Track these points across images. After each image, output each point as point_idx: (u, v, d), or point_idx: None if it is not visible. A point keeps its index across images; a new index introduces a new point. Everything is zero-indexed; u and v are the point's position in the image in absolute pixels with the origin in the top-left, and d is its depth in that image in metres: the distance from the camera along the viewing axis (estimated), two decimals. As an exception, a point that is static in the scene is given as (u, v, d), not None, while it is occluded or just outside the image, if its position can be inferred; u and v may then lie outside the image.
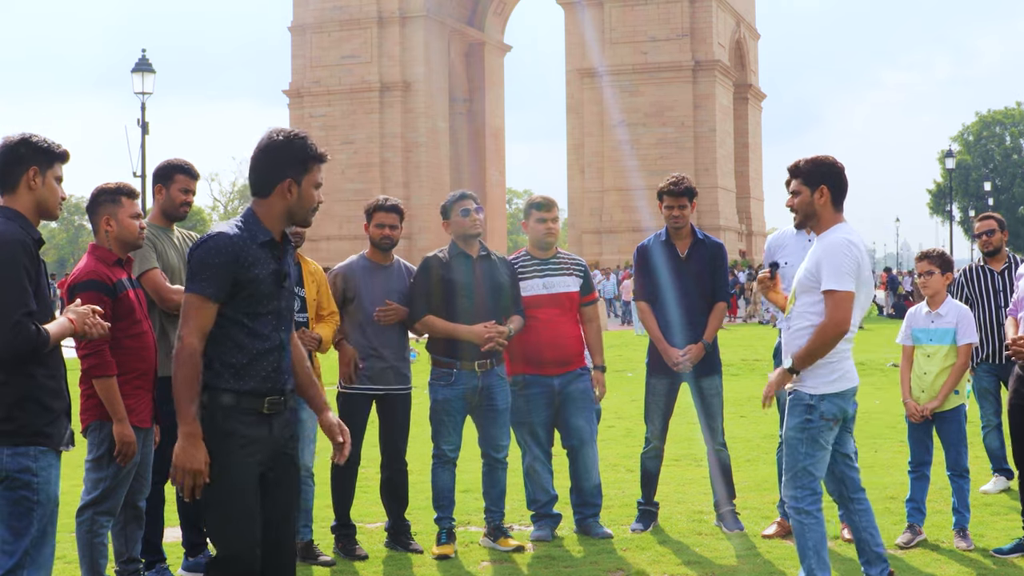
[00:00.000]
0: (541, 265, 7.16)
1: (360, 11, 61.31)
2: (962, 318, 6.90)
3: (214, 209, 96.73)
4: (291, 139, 4.05)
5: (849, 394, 5.23)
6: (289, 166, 4.04)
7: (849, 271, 5.06)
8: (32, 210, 4.41)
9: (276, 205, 4.06)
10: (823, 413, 5.13)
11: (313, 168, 4.07)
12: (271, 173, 4.05)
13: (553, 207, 7.21)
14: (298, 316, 6.45)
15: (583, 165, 57.77)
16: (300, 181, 4.06)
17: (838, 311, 5.04)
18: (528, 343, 7.04)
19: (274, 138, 4.06)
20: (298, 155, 4.04)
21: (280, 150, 4.04)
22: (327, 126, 61.61)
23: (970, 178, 79.82)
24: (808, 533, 5.14)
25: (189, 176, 6.25)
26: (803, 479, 5.14)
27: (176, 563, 6.30)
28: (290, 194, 4.04)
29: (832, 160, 5.26)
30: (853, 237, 5.15)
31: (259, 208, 4.08)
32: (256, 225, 4.06)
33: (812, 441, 5.13)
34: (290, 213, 4.08)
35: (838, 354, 5.16)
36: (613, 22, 57.09)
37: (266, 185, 4.06)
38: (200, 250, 3.97)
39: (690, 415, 7.78)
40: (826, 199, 5.19)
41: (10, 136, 4.42)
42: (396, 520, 6.91)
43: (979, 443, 8.47)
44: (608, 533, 7.07)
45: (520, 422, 7.13)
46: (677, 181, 7.25)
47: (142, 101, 28.06)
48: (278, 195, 4.04)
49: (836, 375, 5.16)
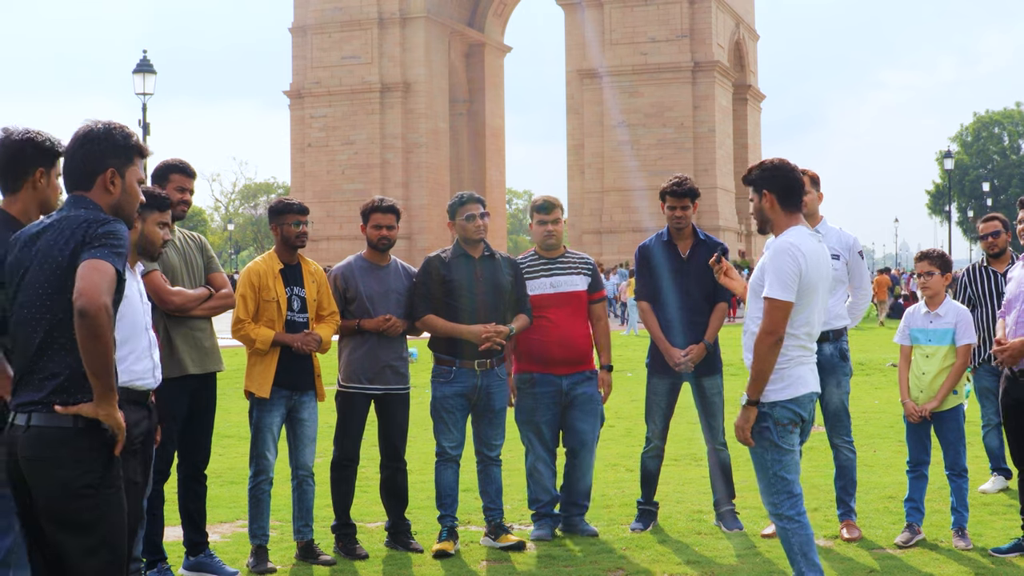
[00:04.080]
0: (549, 265, 7.18)
1: (361, 12, 61.34)
2: (961, 319, 6.91)
3: (216, 209, 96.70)
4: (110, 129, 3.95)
5: (804, 400, 5.10)
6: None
7: (787, 279, 4.94)
8: (33, 210, 4.37)
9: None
10: (777, 419, 5.05)
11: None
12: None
13: (553, 209, 7.20)
14: (298, 316, 6.47)
15: (583, 166, 57.80)
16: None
17: (769, 320, 4.95)
18: (537, 342, 7.06)
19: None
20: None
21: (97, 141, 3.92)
22: (328, 127, 61.69)
23: (969, 179, 79.84)
24: (792, 538, 5.10)
25: (184, 175, 6.25)
26: (777, 485, 5.09)
27: (177, 562, 6.31)
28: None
29: (776, 163, 5.17)
30: (800, 242, 5.02)
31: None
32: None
33: (775, 447, 5.06)
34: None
35: (791, 361, 5.05)
36: (613, 23, 57.14)
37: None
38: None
39: (690, 414, 7.79)
40: (771, 202, 5.13)
41: (10, 130, 4.27)
42: (396, 519, 6.92)
43: (978, 443, 8.49)
44: (593, 531, 7.10)
45: (526, 421, 7.14)
46: (680, 181, 7.27)
47: (143, 102, 28.12)
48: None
49: (785, 383, 5.05)
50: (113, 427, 3.67)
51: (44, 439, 3.65)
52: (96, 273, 3.57)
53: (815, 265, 5.04)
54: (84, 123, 3.90)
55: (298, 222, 6.51)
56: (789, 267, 4.95)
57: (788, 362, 5.05)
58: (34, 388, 3.68)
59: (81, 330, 3.52)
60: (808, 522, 5.14)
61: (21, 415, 3.70)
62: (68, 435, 3.65)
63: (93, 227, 3.69)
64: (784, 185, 5.13)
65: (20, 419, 3.70)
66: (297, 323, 6.44)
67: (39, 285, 3.71)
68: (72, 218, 3.76)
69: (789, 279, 4.94)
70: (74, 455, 3.65)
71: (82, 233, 3.69)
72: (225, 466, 9.36)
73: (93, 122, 3.92)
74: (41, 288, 3.71)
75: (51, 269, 3.69)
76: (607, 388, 7.30)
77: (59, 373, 3.67)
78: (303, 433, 6.52)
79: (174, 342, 5.94)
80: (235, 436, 10.96)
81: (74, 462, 3.65)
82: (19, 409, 3.72)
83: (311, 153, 62.26)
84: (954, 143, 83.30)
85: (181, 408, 5.99)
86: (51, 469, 3.64)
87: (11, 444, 3.73)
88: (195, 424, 6.17)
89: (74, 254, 3.66)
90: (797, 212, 5.17)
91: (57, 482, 3.64)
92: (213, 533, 6.94)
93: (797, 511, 5.09)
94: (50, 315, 3.68)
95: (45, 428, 3.65)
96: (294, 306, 6.46)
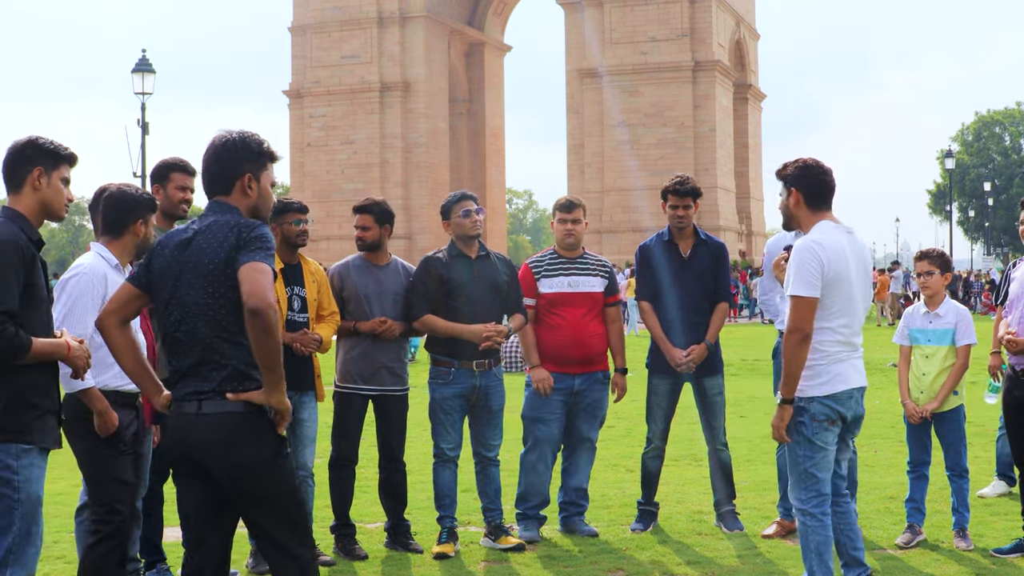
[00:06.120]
0: (568, 264, 7.18)
1: (360, 11, 61.32)
2: (961, 319, 6.89)
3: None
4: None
5: (843, 396, 5.11)
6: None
7: (809, 276, 4.97)
8: (36, 210, 4.43)
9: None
10: (814, 415, 5.06)
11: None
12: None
13: (575, 209, 7.21)
14: (298, 316, 6.45)
15: (583, 165, 57.78)
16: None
17: (794, 317, 4.99)
18: (552, 341, 7.06)
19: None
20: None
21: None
22: (327, 126, 61.66)
23: (969, 178, 79.82)
24: (811, 535, 5.12)
25: (185, 173, 6.25)
26: (806, 481, 5.12)
27: (176, 563, 6.29)
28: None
29: (809, 163, 5.23)
30: (822, 236, 5.07)
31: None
32: None
33: (808, 443, 5.08)
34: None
35: (827, 357, 5.07)
36: (613, 22, 57.12)
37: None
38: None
39: (690, 415, 7.78)
40: (797, 200, 5.18)
41: (19, 139, 4.46)
42: (396, 520, 6.91)
43: (978, 443, 8.48)
44: (593, 531, 7.09)
45: (534, 418, 7.14)
46: (683, 180, 7.26)
47: (142, 101, 28.08)
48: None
49: (822, 379, 5.06)
50: (283, 411, 4.01)
51: (218, 423, 3.97)
52: (260, 275, 3.89)
53: (839, 257, 5.05)
54: (219, 133, 4.19)
55: (298, 221, 6.50)
56: (808, 263, 5.00)
57: (826, 358, 5.07)
58: (201, 379, 3.98)
59: (254, 328, 3.83)
60: (830, 524, 5.15)
61: (189, 403, 4.00)
62: (240, 419, 3.98)
63: (245, 231, 3.99)
64: (812, 184, 5.19)
65: (189, 407, 4.00)
66: (297, 323, 6.42)
67: (198, 287, 4.00)
68: (221, 223, 4.04)
69: (809, 275, 4.98)
70: (248, 436, 3.99)
71: (235, 237, 3.98)
72: (224, 466, 9.32)
73: (228, 131, 4.20)
74: (202, 289, 3.99)
75: (208, 271, 3.98)
76: (621, 391, 7.29)
77: (226, 365, 3.98)
78: (303, 433, 6.50)
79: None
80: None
81: (249, 442, 3.99)
82: (185, 398, 4.01)
83: (310, 153, 62.23)
84: (955, 142, 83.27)
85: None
86: (229, 449, 3.97)
87: (179, 430, 4.03)
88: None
89: (229, 256, 3.95)
90: (825, 211, 5.21)
91: (236, 460, 3.98)
92: (212, 533, 6.92)
93: (822, 510, 5.11)
94: (212, 313, 3.97)
95: (219, 414, 3.97)
96: (294, 306, 6.44)
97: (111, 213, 5.16)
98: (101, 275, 5.00)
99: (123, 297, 4.19)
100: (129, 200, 5.17)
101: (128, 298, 4.18)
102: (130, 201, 5.17)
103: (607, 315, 7.26)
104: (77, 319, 4.88)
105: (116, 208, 5.15)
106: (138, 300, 4.19)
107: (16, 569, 4.22)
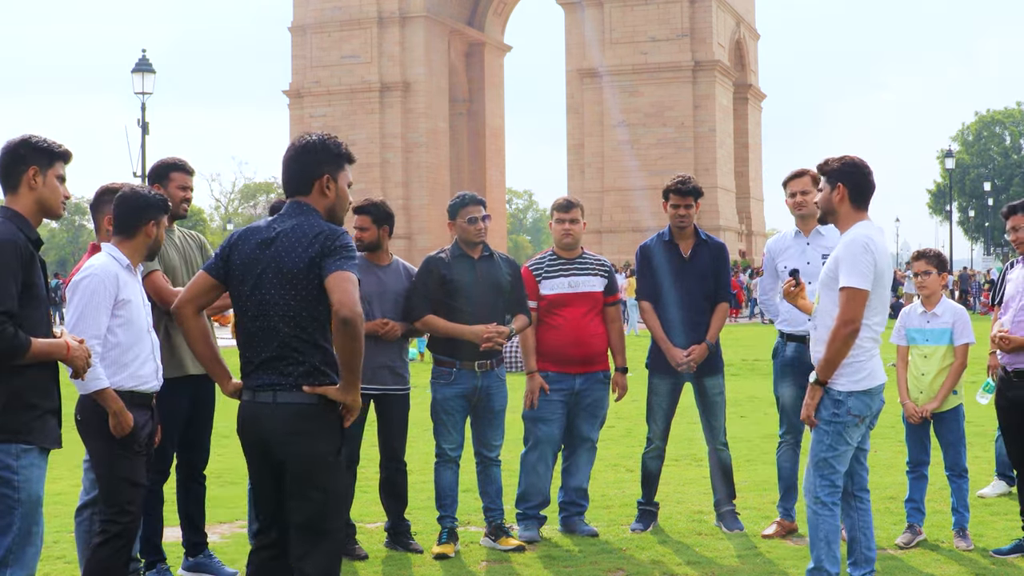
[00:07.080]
0: (567, 264, 7.19)
1: (360, 11, 61.32)
2: (958, 318, 6.90)
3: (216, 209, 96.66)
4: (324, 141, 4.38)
5: (876, 391, 5.30)
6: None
7: (865, 269, 5.10)
8: (33, 210, 4.43)
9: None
10: (850, 409, 5.21)
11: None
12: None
13: (572, 209, 7.22)
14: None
15: (583, 165, 57.77)
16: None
17: (848, 309, 5.09)
18: (552, 341, 7.07)
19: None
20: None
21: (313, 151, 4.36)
22: (327, 126, 61.57)
23: (969, 178, 79.80)
24: (821, 523, 5.23)
25: (184, 172, 6.24)
26: (823, 469, 5.24)
27: (176, 563, 6.30)
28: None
29: (857, 161, 5.36)
30: (872, 235, 5.21)
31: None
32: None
33: (837, 435, 5.22)
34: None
35: (865, 352, 5.23)
36: (613, 22, 57.10)
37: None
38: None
39: (690, 415, 7.79)
40: (842, 196, 5.28)
41: (12, 138, 4.45)
42: (396, 520, 6.91)
43: (978, 443, 8.48)
44: (593, 531, 7.09)
45: (535, 418, 7.14)
46: (684, 180, 7.26)
47: (142, 101, 28.09)
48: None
49: (863, 373, 5.24)
50: (354, 409, 4.23)
51: (293, 414, 4.17)
52: (349, 284, 4.09)
53: (884, 258, 5.22)
54: (299, 136, 4.37)
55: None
56: (865, 258, 5.11)
57: (864, 354, 5.23)
58: (278, 373, 4.19)
59: (344, 335, 4.05)
60: (839, 515, 5.27)
61: (264, 393, 4.21)
62: (314, 411, 4.18)
63: (330, 239, 4.18)
64: (858, 183, 5.30)
65: (264, 397, 4.21)
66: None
67: (280, 287, 4.18)
68: (305, 227, 4.22)
69: (866, 268, 5.10)
70: (320, 428, 4.20)
71: (320, 244, 4.17)
72: (224, 466, 9.34)
73: (307, 134, 4.39)
74: (284, 290, 4.18)
75: (290, 274, 4.17)
76: (621, 390, 7.30)
77: (304, 362, 4.18)
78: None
79: (174, 342, 5.91)
80: (234, 436, 10.91)
81: (321, 434, 4.20)
82: (260, 388, 4.21)
83: (311, 152, 62.17)
84: (955, 142, 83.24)
85: (181, 408, 5.97)
86: (302, 439, 4.18)
87: (253, 418, 4.25)
88: (195, 424, 6.15)
89: (312, 262, 4.14)
90: (864, 210, 5.33)
91: (307, 450, 4.18)
92: (212, 533, 6.93)
93: (833, 500, 5.23)
94: (293, 313, 4.17)
95: (294, 404, 4.17)
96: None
97: (124, 214, 5.16)
98: (113, 276, 4.99)
99: (200, 286, 4.37)
100: (142, 201, 5.17)
101: (205, 288, 4.37)
102: (143, 202, 5.17)
103: (607, 315, 7.27)
104: (90, 320, 4.89)
105: (129, 209, 5.15)
106: (214, 290, 4.37)
107: (16, 569, 4.22)
